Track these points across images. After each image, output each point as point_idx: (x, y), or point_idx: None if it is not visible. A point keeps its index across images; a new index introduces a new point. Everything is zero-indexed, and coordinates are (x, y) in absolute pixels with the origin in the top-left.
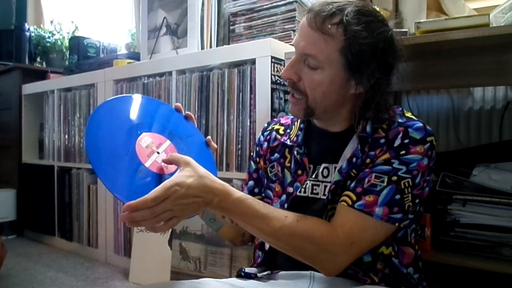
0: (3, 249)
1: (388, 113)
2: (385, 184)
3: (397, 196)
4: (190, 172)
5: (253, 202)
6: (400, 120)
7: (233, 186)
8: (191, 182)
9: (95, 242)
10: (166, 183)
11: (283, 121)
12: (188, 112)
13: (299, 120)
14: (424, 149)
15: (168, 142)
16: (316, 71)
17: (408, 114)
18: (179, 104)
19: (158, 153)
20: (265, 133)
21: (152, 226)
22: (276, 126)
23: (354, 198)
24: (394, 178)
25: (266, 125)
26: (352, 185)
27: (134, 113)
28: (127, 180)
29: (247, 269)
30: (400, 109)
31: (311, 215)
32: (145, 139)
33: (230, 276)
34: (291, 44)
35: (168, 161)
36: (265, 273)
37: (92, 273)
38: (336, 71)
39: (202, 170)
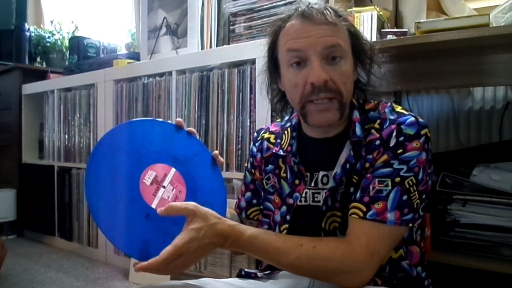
0: (3, 249)
1: (377, 106)
2: (389, 187)
3: (405, 197)
4: (200, 223)
5: (265, 237)
6: (391, 117)
7: (233, 187)
8: (203, 235)
9: (95, 242)
10: (177, 242)
11: (272, 128)
12: (190, 128)
13: (289, 129)
14: (420, 143)
15: (173, 170)
16: (340, 63)
17: (399, 109)
18: (180, 120)
19: (164, 187)
20: (257, 144)
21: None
22: (266, 135)
23: (364, 208)
24: (397, 179)
25: (256, 134)
26: (358, 195)
27: (133, 145)
28: (136, 232)
29: (247, 269)
30: (389, 104)
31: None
32: (149, 174)
33: (230, 276)
34: (296, 50)
35: (167, 214)
36: (266, 272)
37: (92, 273)
38: (351, 58)
39: (210, 216)
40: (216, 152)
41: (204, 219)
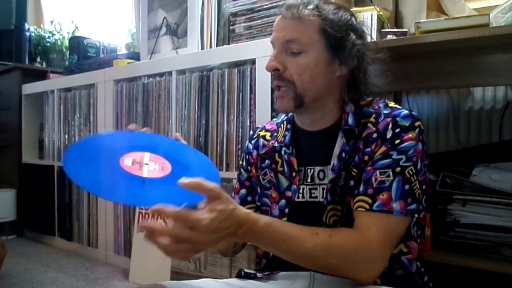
0: (3, 249)
1: (372, 102)
2: (391, 177)
3: (407, 187)
4: (223, 205)
5: (281, 225)
6: (385, 111)
7: (233, 187)
8: (224, 218)
9: (95, 242)
10: (200, 214)
11: (268, 126)
12: (146, 128)
13: (285, 122)
14: (415, 134)
15: (147, 153)
16: (300, 56)
17: (392, 104)
18: (132, 125)
19: (146, 164)
20: (253, 141)
21: (167, 250)
22: (262, 133)
23: (370, 200)
24: (398, 169)
25: (251, 132)
26: (361, 188)
27: (98, 148)
28: (139, 192)
29: (247, 269)
30: (383, 100)
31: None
32: (127, 160)
33: (230, 276)
34: (271, 42)
35: (192, 187)
36: (265, 273)
37: (92, 273)
38: (319, 52)
39: (232, 201)
40: (177, 134)
41: (226, 203)
